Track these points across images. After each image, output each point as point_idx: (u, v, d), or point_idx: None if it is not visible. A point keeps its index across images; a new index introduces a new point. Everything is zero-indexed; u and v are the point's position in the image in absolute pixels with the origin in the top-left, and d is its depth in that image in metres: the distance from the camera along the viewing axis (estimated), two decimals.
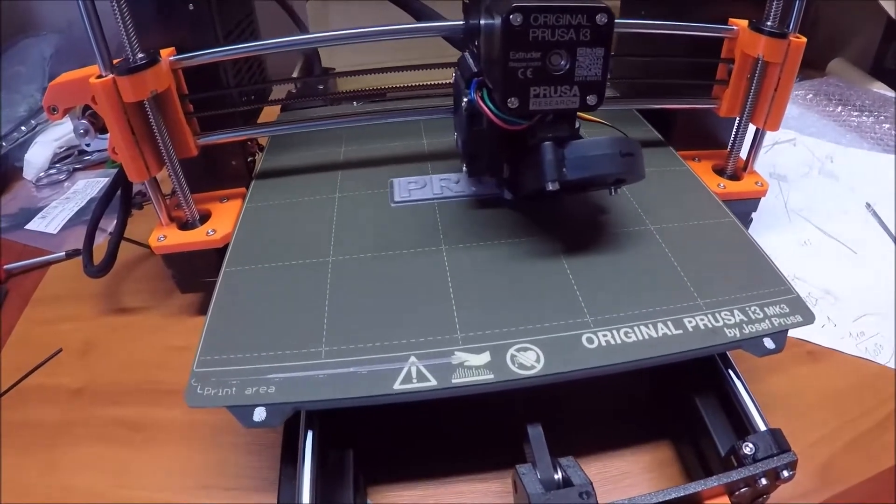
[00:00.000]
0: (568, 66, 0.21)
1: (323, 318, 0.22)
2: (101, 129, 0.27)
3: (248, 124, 0.32)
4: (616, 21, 0.31)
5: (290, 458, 0.22)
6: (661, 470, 0.24)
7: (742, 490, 0.20)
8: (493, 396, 0.20)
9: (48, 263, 0.39)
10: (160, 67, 0.26)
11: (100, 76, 0.25)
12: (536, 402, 0.23)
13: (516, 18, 0.20)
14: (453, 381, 0.20)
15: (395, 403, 0.20)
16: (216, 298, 0.24)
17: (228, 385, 0.20)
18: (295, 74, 0.45)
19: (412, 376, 0.20)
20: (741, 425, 0.22)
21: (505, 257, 0.25)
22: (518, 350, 0.21)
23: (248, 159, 0.33)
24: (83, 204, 0.43)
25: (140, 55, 0.25)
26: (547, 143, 0.23)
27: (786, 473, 0.20)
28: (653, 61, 0.33)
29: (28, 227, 0.42)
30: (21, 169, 0.47)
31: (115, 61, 0.25)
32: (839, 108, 0.47)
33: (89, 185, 0.45)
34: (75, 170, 0.47)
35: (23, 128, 0.47)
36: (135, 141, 0.27)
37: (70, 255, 0.39)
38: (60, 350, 0.32)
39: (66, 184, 0.46)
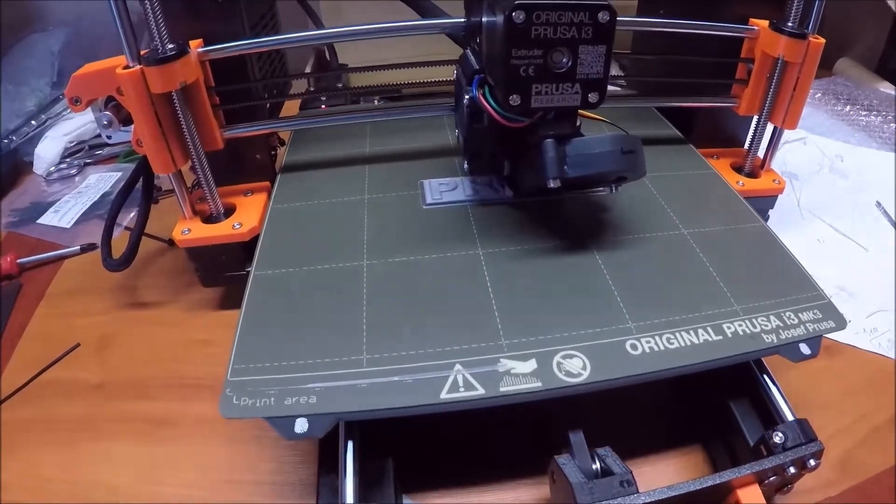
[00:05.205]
0: (570, 64, 0.21)
1: (362, 324, 0.22)
2: (125, 121, 0.27)
3: (272, 118, 0.32)
4: (637, 20, 0.32)
5: (328, 466, 0.21)
6: (692, 472, 0.24)
7: (771, 479, 0.20)
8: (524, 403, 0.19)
9: (62, 258, 0.38)
10: (189, 59, 0.25)
11: (126, 67, 0.25)
12: (566, 406, 0.22)
13: (519, 16, 0.20)
14: (501, 389, 0.19)
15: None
16: (246, 304, 0.23)
17: (266, 395, 0.19)
18: (307, 70, 0.44)
19: (459, 384, 0.19)
20: (768, 415, 0.22)
21: (542, 261, 0.24)
22: (564, 357, 0.20)
23: (271, 153, 0.33)
24: (96, 198, 0.43)
25: (170, 46, 0.25)
26: (548, 140, 0.23)
27: (812, 462, 0.20)
28: (672, 60, 0.34)
29: (40, 221, 0.41)
30: (31, 163, 0.47)
31: (142, 52, 0.25)
32: (847, 108, 0.48)
33: (102, 180, 0.45)
34: (86, 164, 0.47)
35: (32, 122, 0.47)
36: (161, 133, 0.26)
37: (85, 248, 0.38)
38: (78, 345, 0.31)
39: (76, 178, 0.46)
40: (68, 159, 0.47)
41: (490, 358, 0.20)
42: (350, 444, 0.20)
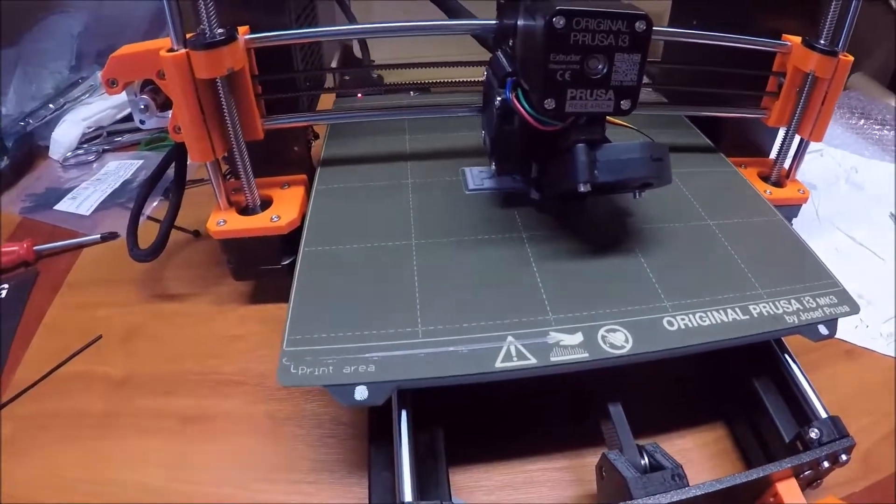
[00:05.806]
0: (605, 71, 0.21)
1: (415, 298, 0.22)
2: (163, 106, 0.27)
3: (310, 110, 0.32)
4: (672, 30, 0.32)
5: (378, 439, 0.22)
6: (715, 445, 0.26)
7: (806, 473, 0.21)
8: (549, 378, 0.20)
9: (81, 246, 0.37)
10: (237, 45, 0.25)
11: (171, 50, 0.24)
12: (598, 383, 0.23)
13: (559, 21, 0.20)
14: (552, 359, 0.20)
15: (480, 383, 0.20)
16: (298, 277, 0.24)
17: (324, 364, 0.20)
18: (333, 65, 0.44)
19: (512, 355, 0.20)
20: (801, 412, 0.23)
21: (581, 245, 0.26)
22: (607, 331, 0.22)
23: (308, 146, 0.32)
24: (117, 186, 0.42)
25: (219, 31, 0.24)
26: (580, 144, 0.23)
27: (844, 457, 0.21)
28: (703, 70, 0.34)
29: (57, 207, 0.40)
30: (47, 148, 0.45)
31: (187, 36, 0.25)
32: (862, 122, 0.49)
33: (122, 167, 0.44)
34: (104, 151, 0.46)
35: (50, 105, 0.46)
36: (203, 120, 0.26)
37: (106, 237, 0.38)
38: (100, 337, 0.31)
39: (94, 165, 0.45)
40: (86, 145, 0.46)
41: (539, 331, 0.21)
42: (404, 413, 0.20)
